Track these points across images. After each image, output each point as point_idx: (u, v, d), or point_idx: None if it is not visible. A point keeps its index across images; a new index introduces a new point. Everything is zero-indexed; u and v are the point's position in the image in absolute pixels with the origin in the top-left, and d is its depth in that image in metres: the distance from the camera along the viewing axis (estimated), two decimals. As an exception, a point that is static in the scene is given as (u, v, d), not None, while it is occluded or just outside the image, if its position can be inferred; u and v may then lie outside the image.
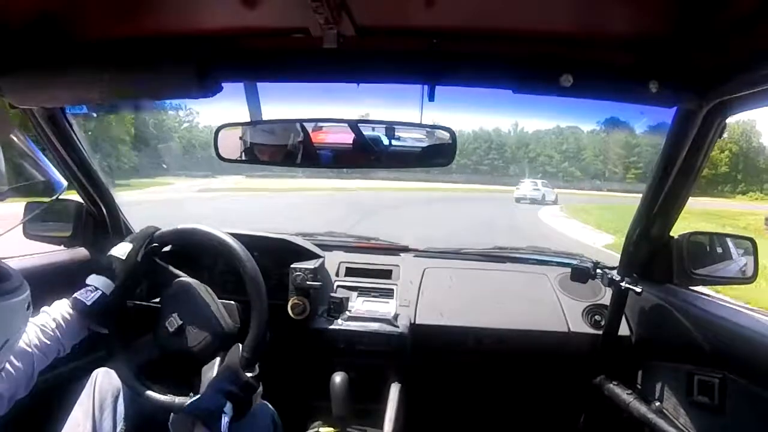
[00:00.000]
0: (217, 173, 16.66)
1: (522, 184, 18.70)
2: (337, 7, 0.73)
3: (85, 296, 0.97)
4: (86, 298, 0.97)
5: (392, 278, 1.53)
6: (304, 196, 14.10)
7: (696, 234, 1.26)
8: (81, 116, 1.36)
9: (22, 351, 0.85)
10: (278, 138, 1.12)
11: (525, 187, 18.30)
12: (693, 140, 1.01)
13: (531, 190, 17.98)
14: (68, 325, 0.95)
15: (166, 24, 0.89)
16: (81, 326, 0.98)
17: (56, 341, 0.92)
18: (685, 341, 1.12)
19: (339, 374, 1.26)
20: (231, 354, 1.01)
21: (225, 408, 0.91)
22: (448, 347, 1.46)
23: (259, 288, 1.02)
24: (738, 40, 0.75)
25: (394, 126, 1.06)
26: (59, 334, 0.93)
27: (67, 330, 0.95)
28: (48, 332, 0.92)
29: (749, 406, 0.94)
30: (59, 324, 0.94)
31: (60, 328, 0.94)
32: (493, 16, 0.81)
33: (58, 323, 0.94)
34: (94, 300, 0.97)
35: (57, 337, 0.92)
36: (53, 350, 0.92)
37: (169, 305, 1.07)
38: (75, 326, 0.96)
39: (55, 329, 0.93)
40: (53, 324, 0.93)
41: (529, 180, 19.63)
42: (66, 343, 0.95)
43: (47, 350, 0.90)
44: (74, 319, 0.96)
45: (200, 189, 14.91)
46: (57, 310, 0.96)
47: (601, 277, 1.34)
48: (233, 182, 15.78)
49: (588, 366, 1.39)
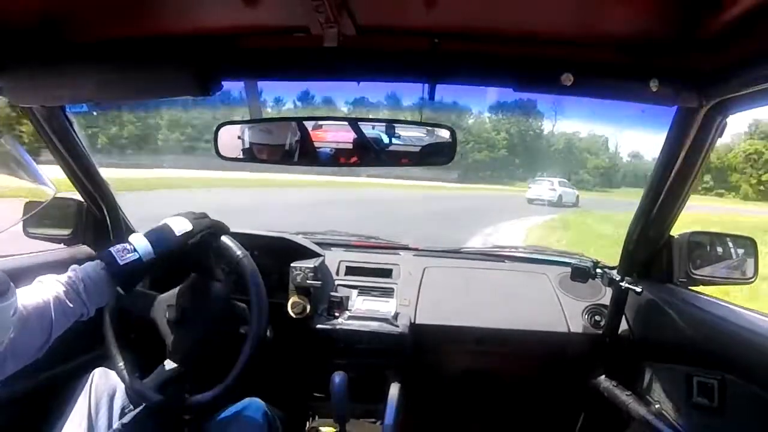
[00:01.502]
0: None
1: (535, 184, 16.10)
2: (338, 6, 0.73)
3: (120, 254, 0.90)
4: (120, 257, 0.90)
5: (392, 277, 1.53)
6: (335, 191, 13.36)
7: (696, 234, 1.26)
8: (81, 115, 1.36)
9: (40, 314, 0.80)
10: (278, 137, 1.12)
11: (539, 187, 15.71)
12: (693, 139, 1.01)
13: (547, 190, 15.38)
14: (97, 287, 0.87)
15: (166, 23, 0.89)
16: (110, 289, 0.90)
17: (81, 304, 0.85)
18: (685, 342, 1.12)
19: (339, 373, 1.26)
20: (182, 372, 1.01)
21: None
22: (447, 346, 1.47)
23: (259, 287, 1.02)
24: (738, 39, 0.75)
25: (394, 124, 1.06)
26: (86, 297, 0.86)
27: (95, 293, 0.87)
28: (73, 294, 0.85)
29: (748, 407, 0.94)
30: (88, 286, 0.86)
31: (88, 291, 0.86)
32: (493, 15, 0.81)
33: (87, 285, 0.86)
34: (128, 262, 0.90)
35: (83, 300, 0.86)
36: (76, 314, 0.85)
37: (183, 294, 1.05)
38: (104, 289, 0.89)
39: (83, 292, 0.86)
40: (81, 286, 0.85)
41: (545, 179, 16.82)
42: (91, 306, 0.87)
43: (69, 313, 0.84)
44: (105, 280, 0.88)
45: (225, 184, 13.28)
46: (86, 271, 0.88)
47: (601, 277, 1.34)
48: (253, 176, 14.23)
49: (587, 366, 1.39)
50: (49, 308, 0.81)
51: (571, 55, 0.86)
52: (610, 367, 1.36)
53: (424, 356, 1.43)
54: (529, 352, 1.45)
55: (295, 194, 12.63)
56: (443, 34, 0.86)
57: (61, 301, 0.83)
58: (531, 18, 0.81)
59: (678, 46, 0.82)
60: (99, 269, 0.89)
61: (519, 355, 1.46)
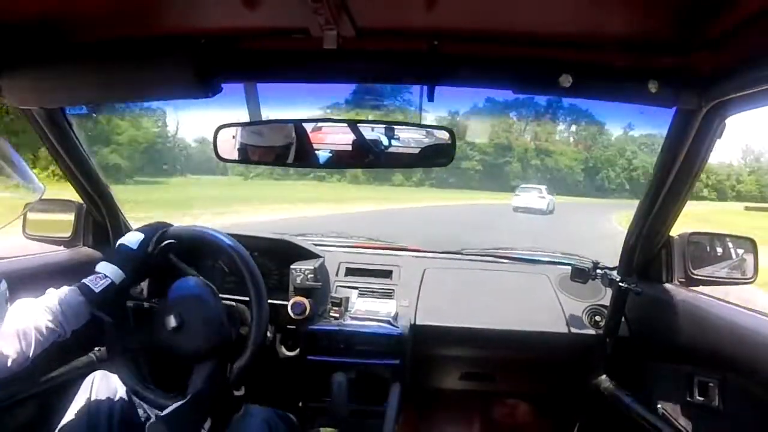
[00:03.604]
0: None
1: (524, 192, 15.14)
2: (337, 8, 0.73)
3: (94, 283, 0.96)
4: (95, 285, 0.96)
5: (392, 278, 1.53)
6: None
7: (696, 234, 1.26)
8: (81, 117, 1.36)
9: (20, 331, 0.84)
10: (278, 139, 1.12)
11: (528, 195, 14.78)
12: (692, 140, 1.01)
13: (536, 198, 14.53)
14: (72, 309, 0.93)
15: (165, 25, 0.89)
16: (85, 312, 0.96)
17: (58, 324, 0.90)
18: (685, 342, 1.12)
19: (339, 374, 1.26)
20: (221, 365, 1.00)
21: (204, 424, 0.91)
22: (448, 347, 1.47)
23: (259, 288, 1.02)
24: (737, 40, 0.75)
25: (393, 126, 1.06)
26: (61, 317, 0.91)
27: (71, 315, 0.93)
28: (51, 315, 0.90)
29: (749, 408, 0.94)
30: (64, 307, 0.92)
31: (64, 312, 0.92)
32: (493, 17, 0.81)
33: (62, 306, 0.92)
34: (102, 287, 0.96)
35: (59, 321, 0.90)
36: (54, 334, 0.90)
37: (173, 302, 1.06)
38: (79, 312, 0.94)
39: (58, 312, 0.91)
40: (58, 307, 0.91)
41: (532, 185, 15.88)
42: (67, 327, 0.93)
43: (47, 332, 0.89)
44: (79, 304, 0.94)
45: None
46: (63, 294, 0.94)
47: (600, 277, 1.34)
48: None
49: (588, 366, 1.39)
50: (30, 329, 0.86)
51: (570, 56, 0.86)
52: (611, 368, 1.36)
53: (425, 357, 1.43)
54: (529, 353, 1.45)
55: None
56: (442, 35, 0.86)
57: (41, 324, 0.88)
58: (530, 19, 0.81)
59: (677, 47, 0.82)
60: (77, 296, 0.94)
61: (519, 355, 1.46)
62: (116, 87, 0.94)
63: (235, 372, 1.02)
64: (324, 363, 1.32)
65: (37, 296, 0.92)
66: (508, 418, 1.61)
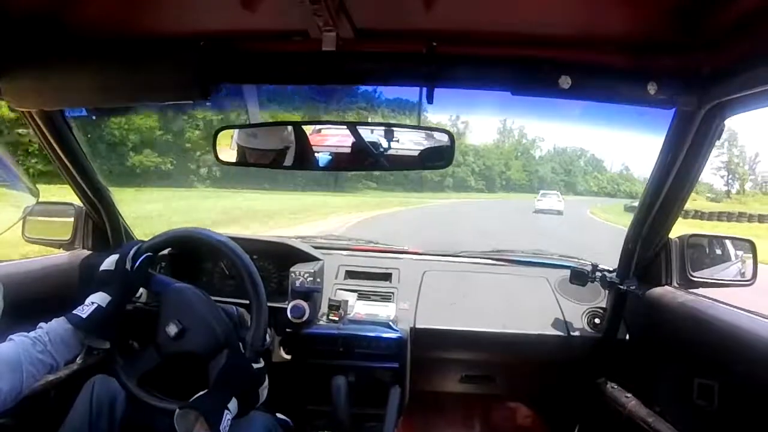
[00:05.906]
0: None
1: (545, 197, 18.68)
2: (336, 9, 0.73)
3: (81, 311, 0.95)
4: (82, 312, 0.95)
5: (392, 281, 1.53)
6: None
7: (695, 236, 1.26)
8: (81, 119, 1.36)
9: (11, 364, 0.84)
10: (277, 141, 1.12)
11: (549, 199, 18.31)
12: (691, 142, 1.01)
13: (556, 201, 18.07)
14: (63, 340, 0.93)
15: (165, 27, 0.89)
16: (76, 342, 0.95)
17: (49, 356, 0.90)
18: (684, 344, 1.12)
19: (339, 378, 1.26)
20: (235, 349, 1.00)
21: (229, 405, 0.90)
22: (447, 350, 1.46)
23: (257, 287, 1.02)
24: (736, 41, 0.76)
25: (392, 128, 1.06)
26: (52, 349, 0.91)
27: (61, 345, 0.92)
28: (41, 347, 0.89)
29: (748, 410, 0.93)
30: (54, 339, 0.92)
31: (54, 343, 0.91)
32: (491, 18, 0.81)
33: (52, 338, 0.91)
34: (89, 313, 0.95)
35: (50, 352, 0.90)
36: (45, 366, 0.90)
37: (168, 312, 1.06)
38: (70, 342, 0.94)
39: (49, 343, 0.91)
40: (47, 338, 0.91)
41: (551, 191, 19.75)
42: (59, 359, 0.92)
43: (39, 365, 0.88)
44: (70, 334, 0.94)
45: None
46: (52, 326, 0.94)
47: (600, 280, 1.34)
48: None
49: (587, 369, 1.39)
50: (20, 363, 0.85)
51: (568, 58, 0.86)
52: (610, 370, 1.36)
53: (424, 360, 1.42)
54: (529, 356, 1.45)
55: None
56: (441, 37, 0.87)
57: (32, 356, 0.87)
58: (529, 21, 0.81)
59: (676, 48, 0.83)
60: (65, 325, 0.94)
61: (519, 358, 1.46)
62: (116, 89, 0.94)
63: (249, 347, 1.01)
64: (323, 366, 1.31)
65: (36, 299, 0.92)
66: (508, 421, 1.60)
